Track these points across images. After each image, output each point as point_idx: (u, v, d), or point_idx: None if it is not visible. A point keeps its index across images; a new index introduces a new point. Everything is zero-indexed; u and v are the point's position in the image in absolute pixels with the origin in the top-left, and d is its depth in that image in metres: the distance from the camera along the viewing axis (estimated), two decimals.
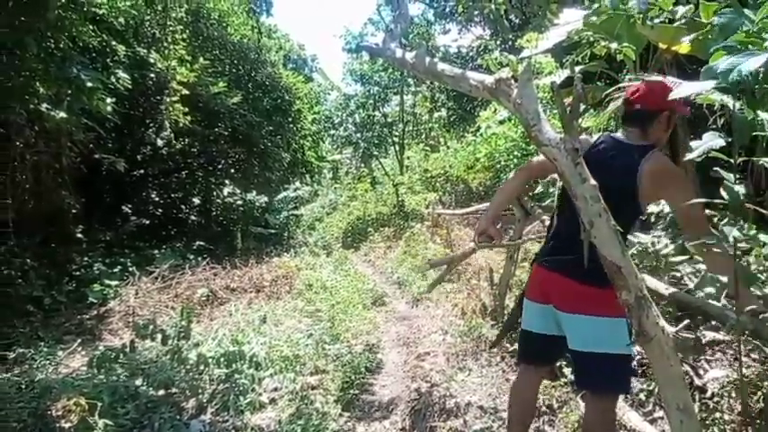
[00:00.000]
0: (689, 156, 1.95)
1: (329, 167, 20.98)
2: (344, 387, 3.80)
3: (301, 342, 4.52)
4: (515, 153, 4.28)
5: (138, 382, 3.78)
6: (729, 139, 2.02)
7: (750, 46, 1.73)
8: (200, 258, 8.19)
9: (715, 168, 1.94)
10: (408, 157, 18.54)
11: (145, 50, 9.09)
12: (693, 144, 1.94)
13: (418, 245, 9.26)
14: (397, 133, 19.38)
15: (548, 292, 2.20)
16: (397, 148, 19.47)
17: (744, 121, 1.93)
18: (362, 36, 18.58)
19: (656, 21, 3.79)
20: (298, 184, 16.18)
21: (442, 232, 9.37)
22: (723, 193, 1.88)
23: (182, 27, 9.83)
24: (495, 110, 4.71)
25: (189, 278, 7.05)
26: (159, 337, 4.14)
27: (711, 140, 1.91)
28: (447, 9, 12.96)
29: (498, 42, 10.21)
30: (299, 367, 4.07)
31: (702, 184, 6.12)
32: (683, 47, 4.41)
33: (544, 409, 3.25)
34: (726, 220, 2.22)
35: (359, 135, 18.72)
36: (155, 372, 3.84)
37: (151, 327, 4.23)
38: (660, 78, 2.28)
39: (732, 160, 1.99)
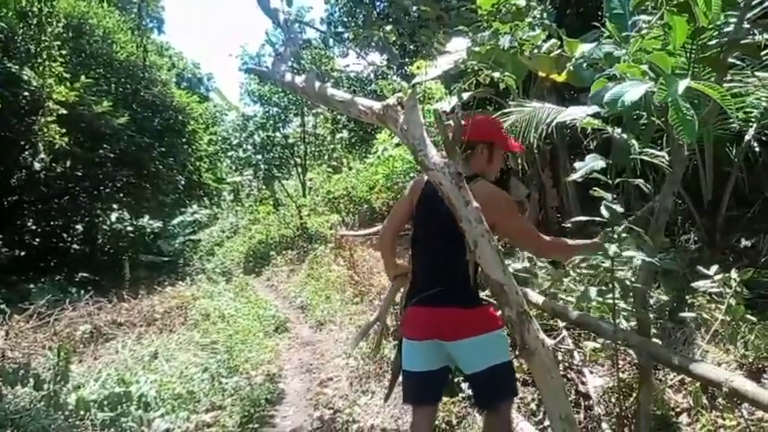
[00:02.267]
0: (572, 176, 2.10)
1: (229, 189, 20.31)
2: (243, 422, 3.63)
3: (196, 377, 4.27)
4: (412, 174, 4.38)
5: None
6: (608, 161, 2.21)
7: (629, 75, 1.92)
8: (83, 291, 7.51)
9: (594, 188, 2.10)
10: (311, 179, 18.43)
11: (17, 67, 8.35)
12: (576, 165, 2.10)
13: (322, 267, 9.17)
14: (299, 154, 19.21)
15: (431, 327, 2.18)
16: (300, 169, 19.28)
17: (623, 146, 2.11)
18: (260, 56, 18.39)
19: (534, 52, 4.10)
20: (195, 207, 15.51)
21: (345, 254, 9.36)
22: (603, 211, 2.04)
23: (59, 43, 9.12)
24: (392, 133, 4.82)
25: (70, 314, 6.42)
26: (32, 382, 3.73)
27: (593, 162, 2.07)
28: (344, 34, 13.18)
29: (394, 68, 10.53)
30: (192, 405, 3.84)
31: (582, 202, 6.67)
32: (559, 76, 4.79)
33: (444, 426, 3.31)
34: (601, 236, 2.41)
35: (259, 156, 18.30)
36: (27, 421, 3.46)
37: (22, 371, 3.80)
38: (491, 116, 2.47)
39: (609, 181, 2.16)
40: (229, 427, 3.54)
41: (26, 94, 8.54)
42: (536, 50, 3.27)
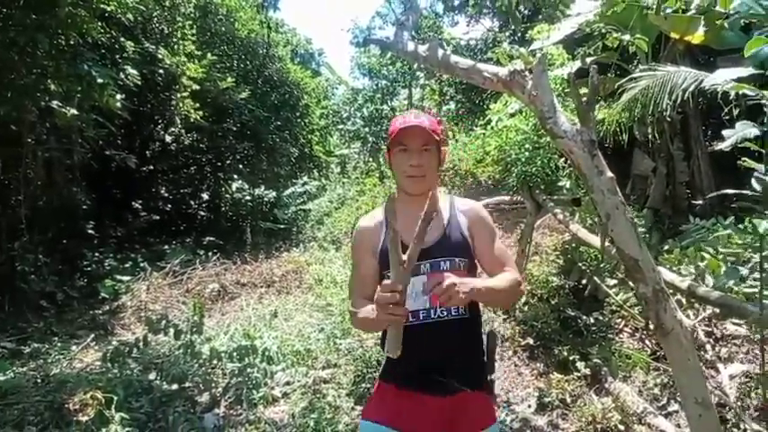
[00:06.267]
0: (719, 145, 1.92)
1: (337, 162, 20.93)
2: (356, 381, 3.79)
3: (312, 336, 4.53)
4: (527, 146, 4.23)
5: (152, 376, 3.82)
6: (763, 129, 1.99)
7: None
8: (210, 254, 8.22)
9: (744, 159, 1.91)
10: None
11: (153, 47, 9.08)
12: (726, 132, 1.91)
13: None
14: None
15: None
16: None
17: None
18: (370, 29, 18.53)
19: (669, 11, 3.74)
20: (306, 179, 16.18)
21: None
22: (754, 184, 1.86)
23: (190, 23, 9.80)
24: (507, 102, 4.68)
25: (200, 273, 7.09)
26: (172, 331, 4.16)
27: (744, 129, 1.88)
28: (457, 1, 12.86)
29: (508, 34, 10.14)
30: (310, 361, 4.10)
31: (715, 177, 6.07)
32: (697, 37, 4.37)
33: (557, 403, 3.25)
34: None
35: (367, 129, 18.63)
36: (168, 366, 3.88)
37: (163, 322, 4.26)
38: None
39: (764, 150, 1.96)
40: (344, 385, 3.73)
41: (161, 71, 9.26)
42: (673, 9, 3.00)
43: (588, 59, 4.04)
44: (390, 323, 1.40)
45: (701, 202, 5.31)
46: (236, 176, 12.38)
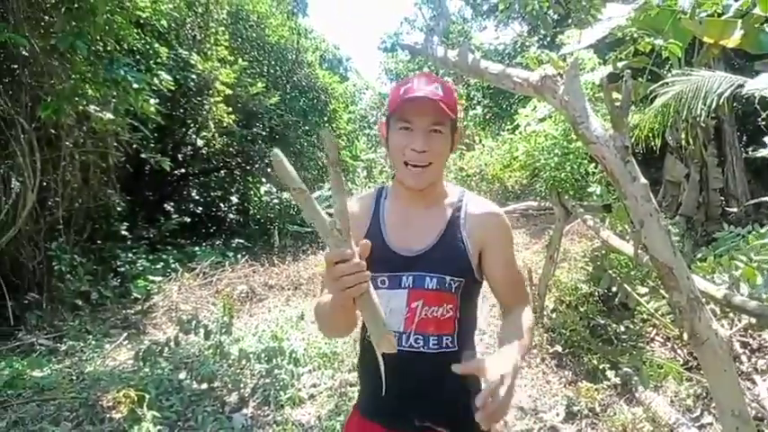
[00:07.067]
0: (762, 151, 1.88)
1: (363, 166, 21.04)
2: None
3: (339, 339, 4.56)
4: (556, 151, 4.20)
5: (182, 375, 3.89)
6: None
7: None
8: (239, 256, 8.35)
9: None
10: None
11: (186, 52, 9.29)
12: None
13: None
14: None
15: None
16: None
17: None
18: (398, 35, 18.60)
19: (703, 15, 3.67)
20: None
21: None
22: None
23: (222, 29, 10.01)
24: (535, 107, 4.65)
25: (229, 275, 7.19)
26: (202, 332, 4.24)
27: None
28: (485, 6, 12.84)
29: (536, 39, 10.06)
30: (336, 364, 4.11)
31: (750, 184, 5.91)
32: (732, 41, 4.26)
33: (586, 412, 3.20)
34: None
35: None
36: (198, 366, 3.95)
37: (194, 322, 4.34)
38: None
39: None
40: None
41: (193, 77, 9.46)
42: (708, 12, 2.94)
43: (620, 64, 3.99)
44: (359, 301, 1.03)
45: (735, 209, 5.17)
46: (264, 180, 12.54)
